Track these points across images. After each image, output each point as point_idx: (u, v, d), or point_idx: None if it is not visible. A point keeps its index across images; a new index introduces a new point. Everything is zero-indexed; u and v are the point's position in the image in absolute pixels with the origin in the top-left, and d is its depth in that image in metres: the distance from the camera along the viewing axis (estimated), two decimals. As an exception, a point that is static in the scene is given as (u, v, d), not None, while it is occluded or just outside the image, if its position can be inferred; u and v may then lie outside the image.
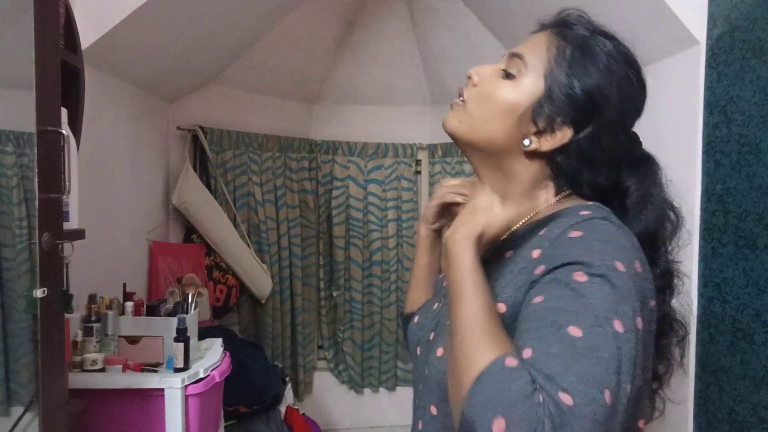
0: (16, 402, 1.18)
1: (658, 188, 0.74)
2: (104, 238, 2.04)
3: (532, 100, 0.68)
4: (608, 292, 0.56)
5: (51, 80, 1.04)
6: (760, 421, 1.38)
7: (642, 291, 0.59)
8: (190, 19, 2.13)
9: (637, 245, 0.62)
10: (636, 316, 0.56)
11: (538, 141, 0.68)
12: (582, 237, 0.60)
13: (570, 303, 0.56)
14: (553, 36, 0.71)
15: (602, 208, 0.67)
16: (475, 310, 0.59)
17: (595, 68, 0.67)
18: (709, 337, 1.59)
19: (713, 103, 1.59)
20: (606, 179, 0.70)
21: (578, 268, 0.57)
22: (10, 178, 1.19)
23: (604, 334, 0.53)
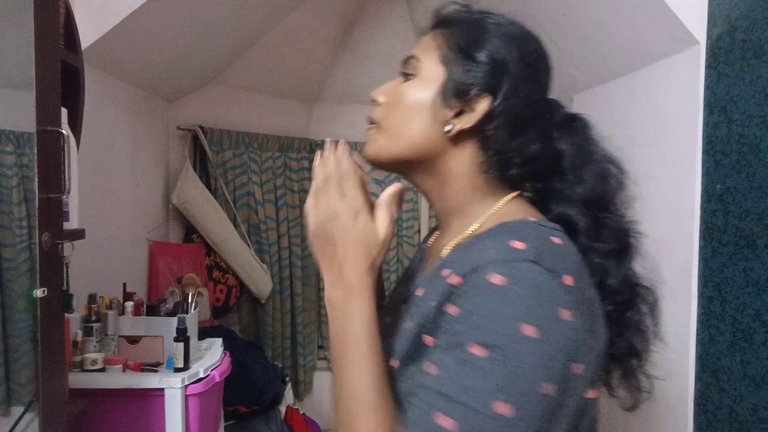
0: (16, 402, 1.18)
1: (593, 144, 0.70)
2: (104, 238, 2.04)
3: (438, 86, 0.66)
4: (501, 369, 0.51)
5: (51, 80, 1.04)
6: (760, 421, 1.38)
7: (568, 342, 0.54)
8: (190, 19, 2.13)
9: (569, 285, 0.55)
10: (543, 383, 0.51)
11: (459, 121, 0.65)
12: (499, 288, 0.54)
13: (450, 383, 0.52)
14: (438, 30, 0.70)
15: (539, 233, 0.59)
16: (361, 382, 0.56)
17: (487, 34, 0.66)
18: (709, 337, 1.59)
19: (713, 103, 1.59)
20: (538, 146, 0.66)
21: (476, 338, 0.53)
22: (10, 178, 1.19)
23: (482, 420, 0.50)
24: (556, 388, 0.52)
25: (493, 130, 0.64)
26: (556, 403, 0.52)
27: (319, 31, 2.93)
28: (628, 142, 2.22)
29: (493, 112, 0.64)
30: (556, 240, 0.59)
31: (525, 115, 0.65)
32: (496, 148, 0.65)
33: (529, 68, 0.66)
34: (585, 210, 0.65)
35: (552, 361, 0.52)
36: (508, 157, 0.65)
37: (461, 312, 0.55)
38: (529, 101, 0.66)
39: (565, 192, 0.67)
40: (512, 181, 0.67)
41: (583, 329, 0.55)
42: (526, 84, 0.65)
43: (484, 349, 0.52)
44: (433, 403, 0.52)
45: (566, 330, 0.53)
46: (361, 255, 0.61)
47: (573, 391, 0.54)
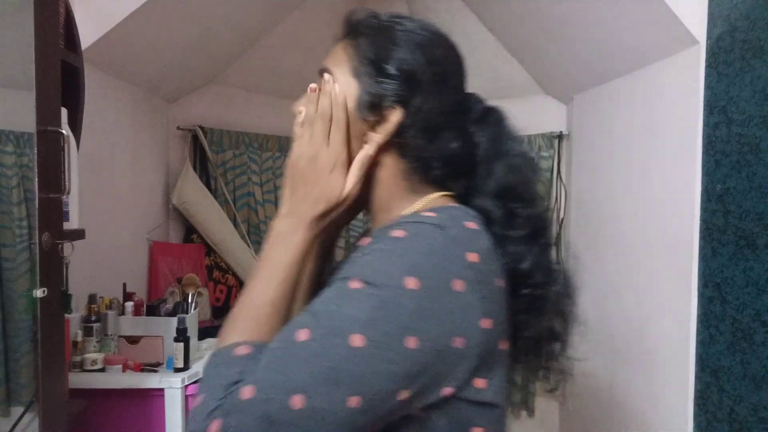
0: (16, 402, 1.18)
1: (505, 137, 0.71)
2: (104, 238, 2.04)
3: (353, 100, 0.67)
4: (370, 305, 0.53)
5: (51, 80, 1.04)
6: (760, 421, 1.38)
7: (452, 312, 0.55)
8: (190, 19, 2.13)
9: (471, 261, 0.57)
10: (406, 335, 0.52)
11: (375, 134, 0.66)
12: (398, 239, 0.57)
13: (323, 307, 0.55)
14: (347, 39, 0.71)
15: (456, 213, 0.62)
16: (261, 297, 0.61)
17: (395, 45, 0.67)
18: (709, 337, 1.59)
19: (713, 103, 1.59)
20: (457, 145, 0.68)
21: (360, 275, 0.55)
22: (10, 178, 1.19)
23: (333, 344, 0.51)
24: (420, 346, 0.53)
25: (410, 139, 0.66)
26: (418, 361, 0.53)
27: (319, 31, 2.93)
28: (628, 142, 2.23)
29: (407, 122, 0.66)
30: (471, 225, 0.61)
31: (439, 119, 0.67)
32: (415, 155, 0.67)
33: (438, 74, 0.67)
34: (497, 200, 0.68)
35: (424, 320, 0.53)
36: (428, 161, 0.68)
37: (358, 255, 0.59)
38: (442, 105, 0.67)
39: (480, 184, 0.69)
40: (436, 181, 0.69)
41: (476, 308, 0.56)
42: (436, 90, 0.67)
43: (364, 284, 0.54)
44: (301, 320, 0.54)
45: (454, 300, 0.55)
46: (321, 202, 0.64)
47: (447, 361, 0.55)
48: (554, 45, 2.39)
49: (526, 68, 2.78)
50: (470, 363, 0.57)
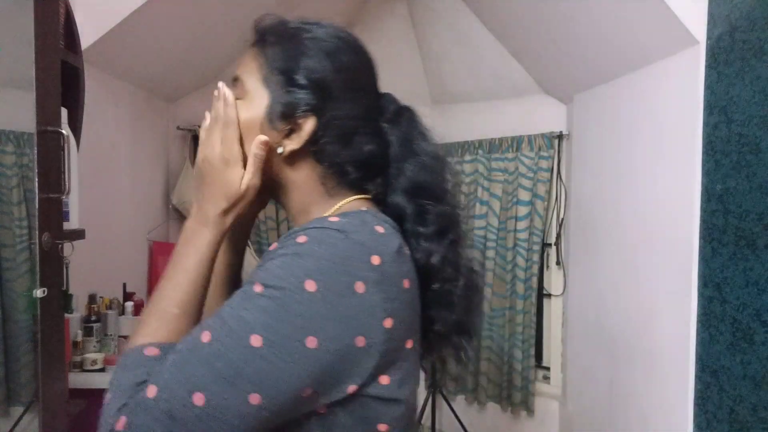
0: (16, 402, 1.18)
1: (416, 136, 0.73)
2: (104, 238, 2.04)
3: (263, 110, 0.68)
4: (270, 308, 0.55)
5: (51, 80, 1.04)
6: (760, 421, 1.38)
7: (355, 313, 0.57)
8: (190, 19, 2.13)
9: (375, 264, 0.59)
10: (306, 335, 0.55)
11: (289, 142, 0.68)
12: (301, 244, 0.58)
13: (228, 311, 0.57)
14: (257, 47, 0.73)
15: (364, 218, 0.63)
16: (169, 299, 0.63)
17: (303, 54, 0.69)
18: (709, 337, 1.59)
19: (713, 103, 1.59)
20: (371, 148, 0.70)
21: (263, 279, 0.57)
22: (10, 178, 1.19)
23: (234, 345, 0.54)
24: (320, 346, 0.55)
25: (324, 146, 0.68)
26: (320, 361, 0.56)
27: (319, 31, 2.94)
28: (628, 142, 2.23)
29: (320, 130, 0.67)
30: (380, 229, 0.63)
31: (352, 124, 0.69)
32: (329, 160, 0.69)
33: (347, 80, 0.69)
34: (408, 198, 0.70)
35: (324, 321, 0.56)
36: (343, 166, 0.69)
37: (263, 263, 0.60)
38: (353, 111, 0.69)
39: (392, 182, 0.71)
40: (352, 184, 0.71)
41: (378, 308, 0.58)
42: (347, 96, 0.68)
43: (264, 288, 0.56)
44: (209, 323, 0.57)
45: (355, 301, 0.57)
46: (221, 199, 0.66)
47: (346, 357, 0.57)
48: (554, 45, 2.39)
49: (526, 68, 2.78)
50: (373, 361, 0.59)
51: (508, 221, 2.93)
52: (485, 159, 3.00)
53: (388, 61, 3.58)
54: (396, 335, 0.60)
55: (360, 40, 0.73)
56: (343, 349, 0.57)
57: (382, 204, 0.72)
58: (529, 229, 2.85)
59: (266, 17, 0.74)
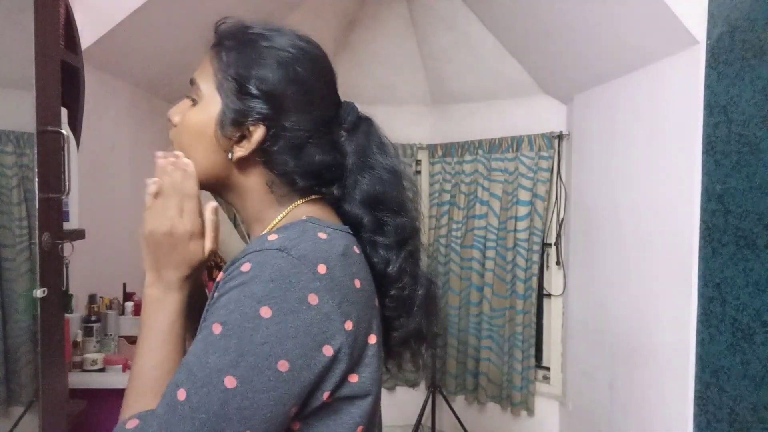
0: (16, 402, 1.18)
1: (373, 147, 0.73)
2: (104, 238, 2.03)
3: (216, 115, 0.68)
4: (232, 345, 0.56)
5: (51, 80, 1.04)
6: (760, 421, 1.38)
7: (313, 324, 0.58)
8: (190, 19, 2.13)
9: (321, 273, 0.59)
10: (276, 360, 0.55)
11: (238, 148, 0.68)
12: (247, 273, 0.59)
13: (194, 360, 0.57)
14: (214, 50, 0.73)
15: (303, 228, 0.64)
16: (147, 364, 0.64)
17: (258, 63, 0.68)
18: (709, 337, 1.59)
19: (713, 103, 1.59)
20: (324, 158, 0.70)
21: (218, 318, 0.58)
22: (10, 178, 1.19)
23: (209, 393, 0.54)
24: (290, 365, 0.56)
25: (273, 155, 0.68)
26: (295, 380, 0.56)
27: (319, 31, 2.93)
28: (628, 142, 2.23)
29: (269, 140, 0.67)
30: (322, 235, 0.63)
31: (302, 135, 0.68)
32: (278, 170, 0.69)
33: (301, 91, 0.68)
34: (365, 209, 0.70)
35: (288, 341, 0.56)
36: (292, 175, 0.69)
37: (215, 297, 0.61)
38: (305, 122, 0.68)
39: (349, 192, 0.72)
40: (303, 191, 0.71)
41: (335, 314, 0.59)
42: (299, 108, 0.68)
43: (222, 327, 0.57)
44: (178, 378, 0.57)
45: (311, 314, 0.58)
46: (185, 267, 0.67)
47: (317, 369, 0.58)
48: (554, 45, 2.39)
49: (526, 68, 2.78)
50: (343, 365, 0.60)
51: (508, 221, 2.93)
52: (485, 159, 3.00)
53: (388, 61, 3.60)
54: (358, 335, 0.61)
55: (320, 49, 0.73)
56: (314, 362, 0.57)
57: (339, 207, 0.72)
58: (529, 229, 2.85)
59: (227, 20, 0.74)
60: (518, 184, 2.87)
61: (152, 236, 0.67)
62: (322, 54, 0.73)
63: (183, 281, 0.67)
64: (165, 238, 0.66)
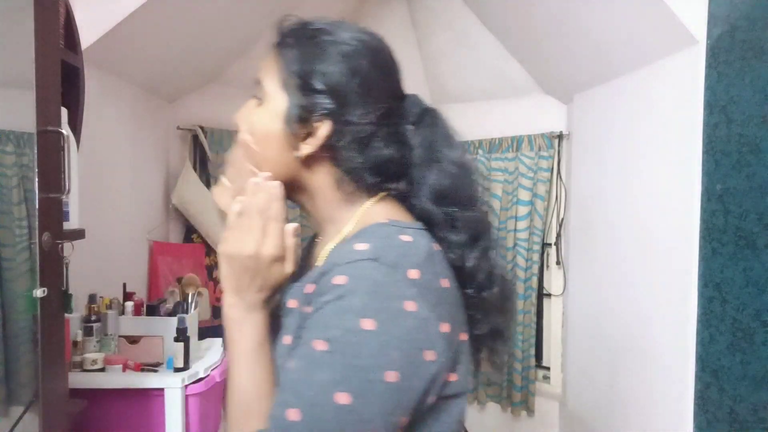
0: (16, 402, 1.18)
1: (441, 140, 0.72)
2: (104, 238, 2.03)
3: (282, 113, 0.68)
4: (339, 361, 0.55)
5: (51, 80, 1.04)
6: (760, 421, 1.38)
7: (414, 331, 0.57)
8: (190, 19, 2.13)
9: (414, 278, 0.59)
10: (384, 371, 0.55)
11: (305, 146, 0.68)
12: (343, 286, 0.58)
13: (300, 379, 0.57)
14: (277, 49, 0.72)
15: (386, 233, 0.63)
16: (241, 388, 0.64)
17: (321, 58, 0.68)
18: (709, 337, 1.59)
19: (713, 103, 1.59)
20: (390, 151, 0.69)
21: (320, 335, 0.57)
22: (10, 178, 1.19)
23: (322, 411, 0.54)
24: (399, 375, 0.55)
25: (340, 150, 0.68)
26: (402, 389, 0.56)
27: (319, 31, 2.93)
28: (628, 142, 2.23)
29: (336, 135, 0.67)
30: (405, 238, 0.62)
31: (368, 129, 0.68)
32: (345, 165, 0.69)
33: (364, 85, 0.68)
34: (434, 204, 0.69)
35: (393, 351, 0.56)
36: (359, 171, 0.69)
37: (311, 312, 0.60)
38: (370, 116, 0.68)
39: (416, 187, 0.70)
40: (371, 188, 0.70)
41: (432, 318, 0.59)
42: (363, 101, 0.67)
43: (326, 343, 0.56)
44: (286, 398, 0.57)
45: (410, 320, 0.57)
46: (266, 289, 0.67)
47: (425, 376, 0.58)
48: (554, 44, 2.39)
49: (526, 68, 2.78)
50: (445, 368, 0.60)
51: (508, 221, 2.93)
52: (485, 159, 3.00)
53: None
54: (453, 334, 0.61)
55: (383, 41, 0.72)
56: (420, 369, 0.57)
57: (407, 202, 0.71)
58: (529, 229, 2.85)
59: (288, 18, 0.73)
60: (518, 183, 2.87)
61: (236, 258, 0.66)
62: (384, 46, 0.72)
63: (264, 302, 0.67)
64: (249, 260, 0.65)
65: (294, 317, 0.66)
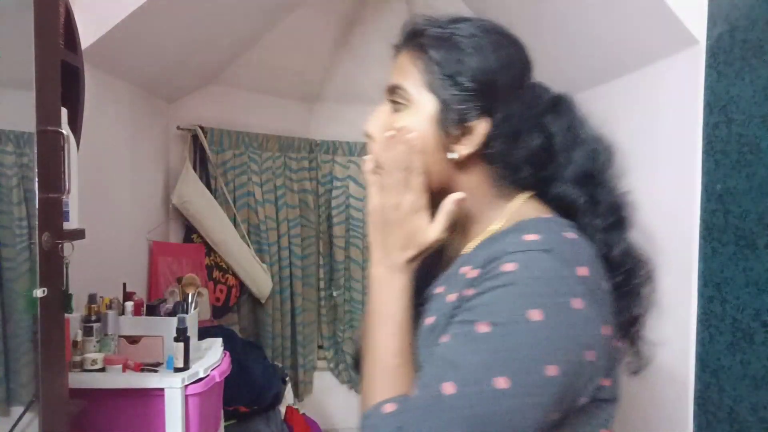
0: (16, 402, 1.18)
1: (579, 123, 0.72)
2: (104, 238, 2.03)
3: (432, 116, 0.67)
4: (502, 346, 0.55)
5: (51, 80, 1.04)
6: (760, 421, 1.38)
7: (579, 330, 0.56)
8: (190, 19, 2.13)
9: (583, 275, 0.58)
10: (545, 365, 0.54)
11: (462, 146, 0.67)
12: (514, 273, 0.57)
13: (459, 357, 0.56)
14: (412, 51, 0.70)
15: (553, 228, 0.63)
16: (387, 350, 0.62)
17: (464, 54, 0.67)
18: (709, 337, 1.59)
19: (713, 103, 1.59)
20: (539, 141, 0.68)
21: (485, 317, 0.56)
22: (10, 178, 1.19)
23: (480, 391, 0.54)
24: (560, 371, 0.54)
25: (497, 146, 0.66)
26: (561, 385, 0.55)
27: (319, 31, 2.93)
28: (627, 142, 2.22)
29: (493, 131, 0.66)
30: (570, 235, 0.62)
31: (520, 121, 0.67)
32: (502, 161, 0.67)
33: (511, 76, 0.67)
34: (579, 188, 0.68)
35: (557, 346, 0.55)
36: (516, 164, 0.67)
37: (475, 294, 0.59)
38: (522, 107, 0.67)
39: (559, 173, 0.69)
40: (519, 183, 0.69)
41: (596, 319, 0.58)
42: (514, 92, 0.67)
43: (492, 326, 0.55)
44: (441, 372, 0.56)
45: (577, 318, 0.56)
46: (411, 247, 0.65)
47: (583, 375, 0.57)
48: (553, 45, 2.38)
49: (526, 68, 2.78)
50: (601, 370, 0.59)
51: (508, 221, 2.93)
52: (485, 159, 3.00)
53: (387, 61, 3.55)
54: (612, 338, 0.60)
55: (510, 29, 0.72)
56: (579, 367, 0.56)
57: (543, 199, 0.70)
58: (529, 229, 2.85)
59: (415, 19, 0.72)
60: (518, 184, 2.87)
61: (380, 211, 0.65)
62: (517, 38, 0.72)
63: (408, 264, 0.65)
64: (392, 212, 0.65)
65: (439, 302, 0.65)
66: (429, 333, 0.64)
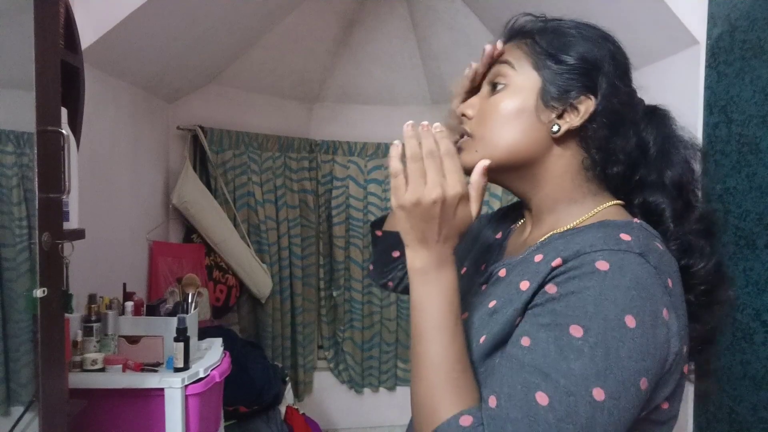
0: (16, 402, 1.18)
1: (675, 132, 0.73)
2: (104, 238, 2.04)
3: (537, 92, 0.67)
4: (598, 354, 0.52)
5: (51, 80, 1.04)
6: (760, 421, 1.38)
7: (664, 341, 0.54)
8: (190, 19, 2.13)
9: (670, 287, 0.56)
10: (639, 377, 0.52)
11: (564, 121, 0.67)
12: (605, 274, 0.54)
13: (550, 362, 0.53)
14: (519, 42, 0.72)
15: (645, 234, 0.60)
16: (447, 357, 0.58)
17: (572, 39, 0.69)
18: (709, 337, 1.59)
19: (713, 103, 1.59)
20: (635, 142, 0.68)
21: (578, 320, 0.53)
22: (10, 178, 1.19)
23: (576, 403, 0.51)
24: (647, 385, 0.53)
25: (596, 129, 0.66)
26: (645, 395, 0.54)
27: (319, 31, 2.93)
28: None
29: (596, 111, 0.66)
30: (659, 245, 0.60)
31: (624, 109, 0.67)
32: (598, 146, 0.67)
33: (618, 65, 0.69)
34: (670, 197, 0.67)
35: (650, 357, 0.53)
36: (611, 154, 0.67)
37: (563, 292, 0.56)
38: (625, 96, 0.68)
39: (652, 179, 0.68)
40: (613, 181, 0.68)
41: (677, 334, 0.56)
42: (620, 81, 0.68)
43: (586, 332, 0.53)
44: (532, 380, 0.53)
45: (664, 329, 0.54)
46: (454, 237, 0.62)
47: (664, 392, 0.56)
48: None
49: (526, 68, 2.77)
50: (669, 388, 0.57)
51: (508, 221, 2.93)
52: (485, 159, 3.00)
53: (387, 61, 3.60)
54: (684, 360, 0.58)
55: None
56: (661, 383, 0.55)
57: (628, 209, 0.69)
58: (529, 229, 2.85)
59: (519, 17, 0.73)
60: (518, 184, 2.87)
61: (417, 207, 0.61)
62: (619, 41, 0.73)
63: (451, 252, 0.62)
64: (434, 207, 0.60)
65: (503, 286, 0.63)
66: (488, 317, 0.62)
